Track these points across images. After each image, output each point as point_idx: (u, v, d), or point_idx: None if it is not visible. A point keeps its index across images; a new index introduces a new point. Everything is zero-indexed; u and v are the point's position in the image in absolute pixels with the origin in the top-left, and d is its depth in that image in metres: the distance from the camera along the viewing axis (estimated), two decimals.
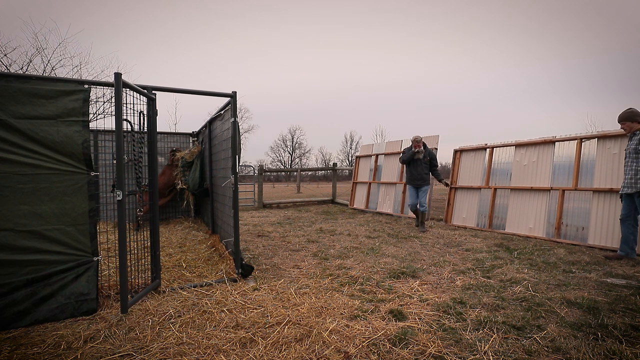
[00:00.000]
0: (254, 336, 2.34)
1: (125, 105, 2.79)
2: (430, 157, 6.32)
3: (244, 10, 69.99)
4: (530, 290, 3.10)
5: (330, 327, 2.42)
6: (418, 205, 6.33)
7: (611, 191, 4.80)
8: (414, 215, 7.81)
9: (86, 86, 2.86)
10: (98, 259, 2.85)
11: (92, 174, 2.83)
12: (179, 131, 8.47)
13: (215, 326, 2.51)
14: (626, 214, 4.11)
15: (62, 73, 10.69)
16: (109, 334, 2.38)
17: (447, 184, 6.44)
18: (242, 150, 3.70)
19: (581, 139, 5.31)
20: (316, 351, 2.15)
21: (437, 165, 6.45)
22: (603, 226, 4.82)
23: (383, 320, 2.56)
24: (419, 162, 6.27)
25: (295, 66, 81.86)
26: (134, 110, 3.09)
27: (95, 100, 11.14)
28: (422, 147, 6.27)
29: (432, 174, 6.46)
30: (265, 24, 73.14)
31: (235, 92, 3.55)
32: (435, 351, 2.13)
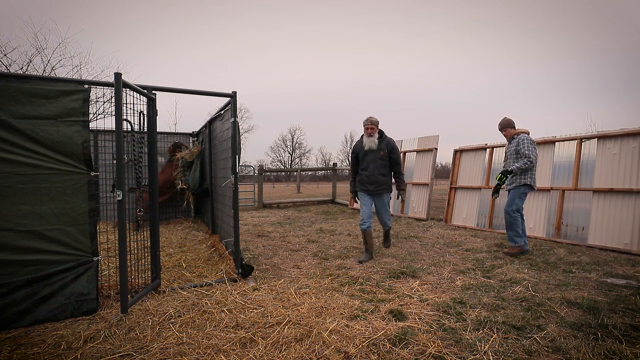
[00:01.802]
0: (254, 336, 2.34)
1: (125, 105, 2.79)
2: (389, 150, 4.24)
3: (244, 10, 70.17)
4: (530, 290, 3.10)
5: (330, 327, 2.42)
6: (381, 224, 4.46)
7: (611, 191, 4.81)
8: (415, 216, 7.77)
9: (86, 86, 2.86)
10: (98, 259, 2.85)
11: (92, 174, 2.83)
12: (179, 131, 8.48)
13: (215, 326, 2.51)
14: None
15: (62, 73, 10.68)
16: (109, 334, 2.38)
17: (403, 200, 4.68)
18: (242, 150, 3.70)
19: (581, 139, 5.31)
20: (316, 351, 2.15)
21: (401, 164, 4.37)
22: (603, 226, 4.82)
23: (383, 320, 2.56)
24: (372, 157, 4.22)
25: (295, 66, 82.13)
26: (134, 110, 3.09)
27: (95, 100, 11.13)
28: (377, 134, 4.27)
29: (393, 178, 4.42)
30: (265, 24, 73.38)
31: (235, 92, 3.55)
32: (435, 351, 2.13)
